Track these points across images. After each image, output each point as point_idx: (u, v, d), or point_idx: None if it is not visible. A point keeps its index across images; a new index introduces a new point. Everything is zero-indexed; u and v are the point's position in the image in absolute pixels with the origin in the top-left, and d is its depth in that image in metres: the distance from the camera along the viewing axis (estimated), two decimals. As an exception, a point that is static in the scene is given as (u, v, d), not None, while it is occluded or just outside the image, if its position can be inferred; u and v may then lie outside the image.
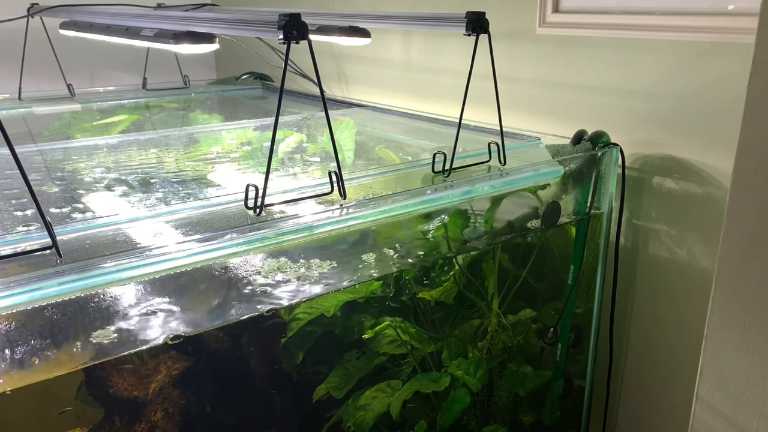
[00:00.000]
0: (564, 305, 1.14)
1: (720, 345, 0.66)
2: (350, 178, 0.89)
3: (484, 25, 0.89)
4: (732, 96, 0.96)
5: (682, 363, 1.11)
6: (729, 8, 0.94)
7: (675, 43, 1.01)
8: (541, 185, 1.04)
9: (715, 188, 1.01)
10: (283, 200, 0.81)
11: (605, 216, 1.12)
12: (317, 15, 1.21)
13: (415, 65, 1.50)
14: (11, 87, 1.60)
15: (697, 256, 1.06)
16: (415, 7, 1.43)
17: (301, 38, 0.76)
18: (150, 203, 0.89)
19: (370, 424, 0.98)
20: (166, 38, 1.03)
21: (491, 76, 0.94)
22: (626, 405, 1.23)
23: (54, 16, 1.49)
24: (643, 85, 1.07)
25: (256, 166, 1.12)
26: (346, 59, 1.69)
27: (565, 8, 1.16)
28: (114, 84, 1.88)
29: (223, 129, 1.41)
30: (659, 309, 1.14)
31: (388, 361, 1.03)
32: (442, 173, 0.93)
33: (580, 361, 1.21)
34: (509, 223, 1.06)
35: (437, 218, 0.99)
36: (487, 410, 1.12)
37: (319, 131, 1.32)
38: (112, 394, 0.88)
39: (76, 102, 1.66)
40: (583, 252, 1.12)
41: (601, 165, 1.08)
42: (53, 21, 1.53)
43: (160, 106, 1.77)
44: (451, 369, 1.03)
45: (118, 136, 1.36)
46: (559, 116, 1.21)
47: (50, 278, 0.61)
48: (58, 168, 1.10)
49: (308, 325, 0.89)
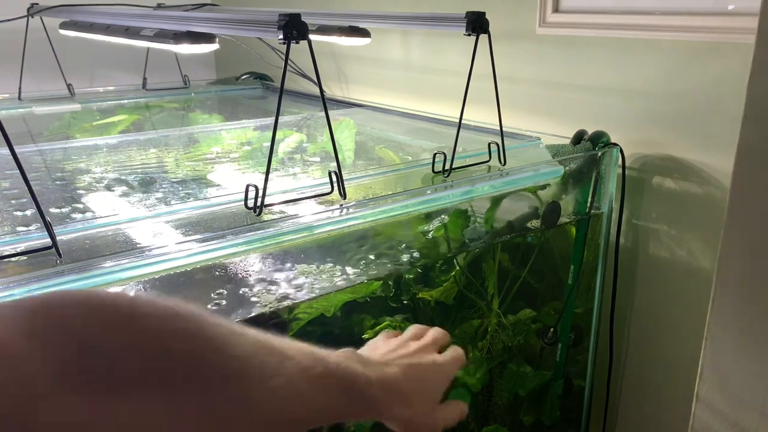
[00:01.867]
0: (564, 305, 1.14)
1: (720, 345, 0.66)
2: (350, 178, 0.89)
3: (484, 25, 0.89)
4: (732, 96, 0.96)
5: (682, 363, 1.11)
6: (729, 8, 0.94)
7: (675, 43, 1.01)
8: (541, 185, 1.04)
9: (715, 188, 1.01)
10: (283, 200, 0.81)
11: (605, 216, 1.12)
12: (317, 15, 1.21)
13: (415, 65, 1.50)
14: (11, 87, 1.60)
15: (697, 256, 1.06)
16: (415, 7, 1.43)
17: (301, 38, 0.76)
18: (150, 203, 0.89)
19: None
20: (166, 38, 1.03)
21: (491, 76, 0.94)
22: (626, 405, 1.23)
23: (54, 16, 1.49)
24: (643, 85, 1.07)
25: (256, 166, 1.12)
26: (346, 59, 1.69)
27: (565, 8, 1.16)
28: (114, 84, 1.88)
29: (223, 129, 1.41)
30: (659, 309, 1.14)
31: (388, 361, 1.02)
32: (442, 173, 0.93)
33: (580, 361, 1.21)
34: (509, 223, 1.06)
35: (437, 218, 0.99)
36: (487, 410, 1.12)
37: (319, 131, 1.32)
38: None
39: (76, 102, 1.65)
40: (583, 252, 1.12)
41: (601, 165, 1.08)
42: (53, 21, 1.53)
43: (160, 106, 1.77)
44: (451, 369, 1.03)
45: (118, 136, 1.36)
46: (559, 116, 1.21)
47: (50, 278, 0.61)
48: (58, 168, 1.10)
49: (308, 325, 0.89)
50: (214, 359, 0.38)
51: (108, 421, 0.33)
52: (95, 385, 0.33)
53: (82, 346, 0.34)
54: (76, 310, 0.35)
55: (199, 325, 0.38)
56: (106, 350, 0.34)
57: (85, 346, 0.34)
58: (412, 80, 1.52)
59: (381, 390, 0.50)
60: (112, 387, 0.34)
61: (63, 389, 0.32)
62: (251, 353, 0.40)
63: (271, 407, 0.41)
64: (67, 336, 0.34)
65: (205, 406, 0.37)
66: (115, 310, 0.36)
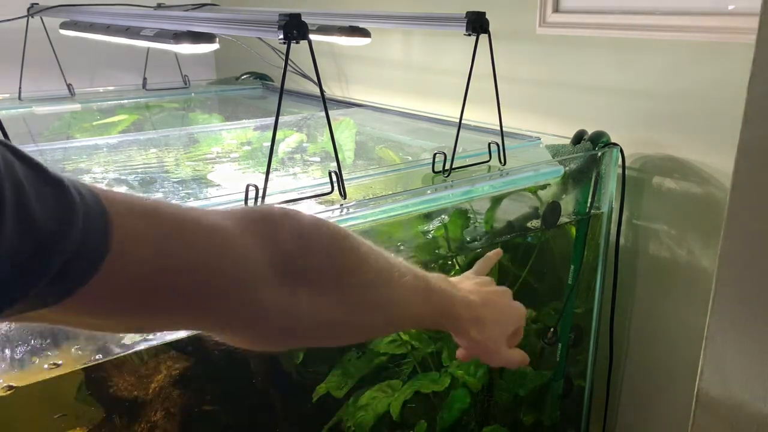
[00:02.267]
0: (564, 305, 1.14)
1: (720, 345, 0.66)
2: (350, 178, 0.89)
3: (484, 25, 0.89)
4: (732, 96, 0.96)
5: (682, 363, 1.11)
6: (729, 8, 0.94)
7: (675, 43, 1.01)
8: (541, 185, 1.04)
9: (715, 188, 1.01)
10: (283, 200, 0.81)
11: (605, 216, 1.12)
12: (317, 15, 1.21)
13: (415, 65, 1.50)
14: (11, 87, 1.59)
15: (697, 256, 1.06)
16: (415, 7, 1.43)
17: (301, 38, 0.76)
18: (150, 203, 0.89)
19: (370, 424, 0.98)
20: (166, 38, 1.03)
21: (491, 76, 0.94)
22: (626, 405, 1.23)
23: (54, 16, 1.49)
24: (643, 84, 1.07)
25: (256, 166, 1.12)
26: (346, 59, 1.69)
27: (565, 8, 1.16)
28: (114, 84, 1.88)
29: (223, 129, 1.41)
30: (659, 309, 1.14)
31: (388, 361, 1.03)
32: (442, 173, 0.93)
33: (580, 361, 1.21)
34: (509, 223, 1.06)
35: (437, 218, 0.99)
36: (487, 410, 1.12)
37: (319, 131, 1.32)
38: (112, 394, 0.88)
39: (76, 102, 1.65)
40: (583, 252, 1.12)
41: (601, 165, 1.08)
42: (53, 21, 1.53)
43: (160, 106, 1.77)
44: (452, 369, 1.03)
45: (118, 136, 1.36)
46: (559, 116, 1.21)
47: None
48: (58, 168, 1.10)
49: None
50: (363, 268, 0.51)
51: (294, 306, 0.45)
52: (292, 277, 0.45)
53: (288, 251, 0.45)
54: (287, 221, 0.46)
55: (360, 244, 0.51)
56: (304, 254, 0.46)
57: (289, 250, 0.45)
58: (412, 80, 1.52)
59: (464, 310, 0.62)
60: (303, 281, 0.46)
61: (274, 277, 0.44)
62: (386, 267, 0.53)
63: (395, 307, 0.54)
64: (279, 240, 0.45)
65: (356, 299, 0.50)
66: (316, 228, 0.48)
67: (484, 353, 0.66)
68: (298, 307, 0.45)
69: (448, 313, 0.61)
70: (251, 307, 0.43)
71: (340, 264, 0.49)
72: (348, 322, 0.50)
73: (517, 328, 0.68)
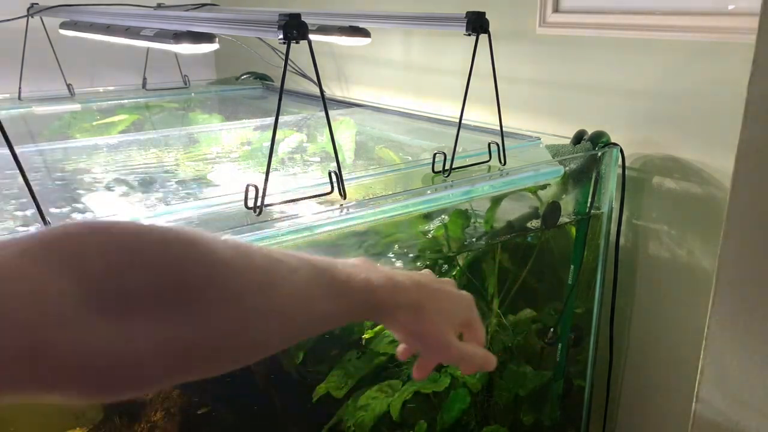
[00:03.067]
0: (564, 305, 1.14)
1: (720, 345, 0.66)
2: (350, 178, 0.89)
3: (484, 25, 0.89)
4: (732, 96, 0.96)
5: (682, 363, 1.11)
6: (729, 8, 0.94)
7: (675, 43, 1.01)
8: (541, 185, 1.04)
9: (715, 188, 1.01)
10: (283, 200, 0.81)
11: (605, 216, 1.12)
12: (317, 15, 1.21)
13: (415, 65, 1.50)
14: (11, 87, 1.59)
15: (697, 256, 1.06)
16: (415, 7, 1.43)
17: (301, 38, 0.76)
18: (150, 203, 0.89)
19: (370, 424, 0.98)
20: (166, 38, 1.03)
21: (491, 76, 0.94)
22: (626, 405, 1.23)
23: (54, 16, 1.49)
24: (643, 85, 1.07)
25: (256, 166, 1.12)
26: (346, 59, 1.69)
27: (565, 8, 1.16)
28: (114, 84, 1.88)
29: (223, 129, 1.41)
30: (659, 309, 1.14)
31: (388, 361, 1.03)
32: (442, 173, 0.93)
33: (580, 361, 1.21)
34: (509, 223, 1.06)
35: (437, 218, 0.99)
36: (487, 410, 1.12)
37: (319, 131, 1.32)
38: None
39: (76, 102, 1.65)
40: (583, 252, 1.12)
41: (601, 165, 1.08)
42: (53, 21, 1.53)
43: (160, 106, 1.77)
44: (451, 369, 1.03)
45: (118, 136, 1.36)
46: (559, 116, 1.21)
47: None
48: (58, 168, 1.10)
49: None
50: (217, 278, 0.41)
51: (127, 343, 0.36)
52: (114, 307, 0.35)
53: (101, 271, 0.36)
54: (95, 236, 0.37)
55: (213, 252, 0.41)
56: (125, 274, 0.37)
57: (103, 270, 0.36)
58: (412, 80, 1.52)
59: (389, 294, 0.53)
60: (129, 309, 0.36)
61: (84, 312, 0.34)
62: (263, 269, 0.44)
63: (285, 311, 0.44)
64: (86, 261, 0.36)
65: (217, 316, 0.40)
66: (136, 238, 0.38)
67: (426, 347, 0.56)
68: (134, 341, 0.36)
69: (368, 301, 0.51)
70: (55, 352, 0.33)
71: (180, 278, 0.39)
72: (215, 346, 0.40)
73: (467, 318, 0.58)
